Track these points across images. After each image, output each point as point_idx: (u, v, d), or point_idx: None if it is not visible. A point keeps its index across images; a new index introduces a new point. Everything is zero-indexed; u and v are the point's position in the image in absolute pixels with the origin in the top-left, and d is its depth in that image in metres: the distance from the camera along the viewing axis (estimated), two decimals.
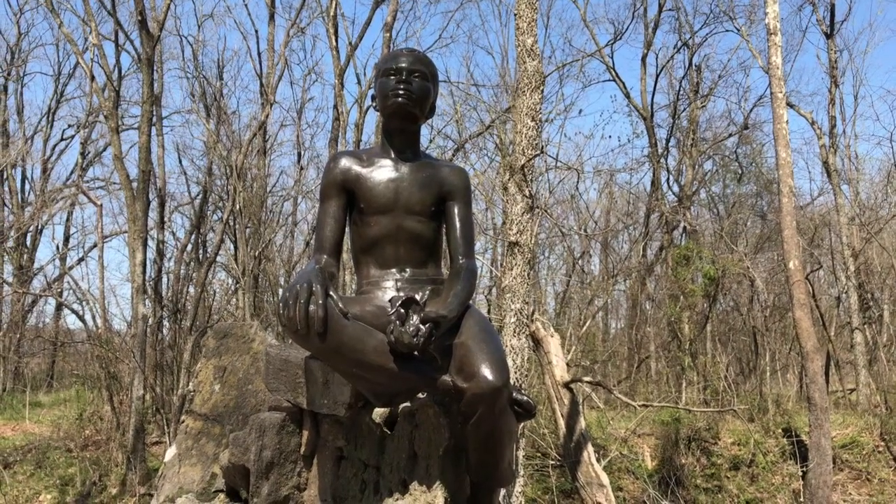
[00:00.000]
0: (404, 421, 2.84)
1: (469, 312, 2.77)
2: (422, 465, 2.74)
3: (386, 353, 2.57)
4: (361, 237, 3.07)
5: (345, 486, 2.86)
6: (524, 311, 8.55)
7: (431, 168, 3.13)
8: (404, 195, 3.03)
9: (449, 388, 2.58)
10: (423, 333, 2.53)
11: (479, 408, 2.49)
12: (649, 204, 22.99)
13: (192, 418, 3.33)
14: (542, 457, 14.13)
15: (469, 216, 3.13)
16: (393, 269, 3.02)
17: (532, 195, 8.62)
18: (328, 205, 3.06)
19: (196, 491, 3.17)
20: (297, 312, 2.43)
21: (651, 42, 23.78)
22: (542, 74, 8.60)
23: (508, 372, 2.54)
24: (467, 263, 3.02)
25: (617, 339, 24.90)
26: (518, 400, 2.69)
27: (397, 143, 3.12)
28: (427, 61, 3.13)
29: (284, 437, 2.87)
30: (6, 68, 29.59)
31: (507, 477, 2.86)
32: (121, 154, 17.58)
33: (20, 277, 27.47)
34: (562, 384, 11.16)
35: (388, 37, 18.14)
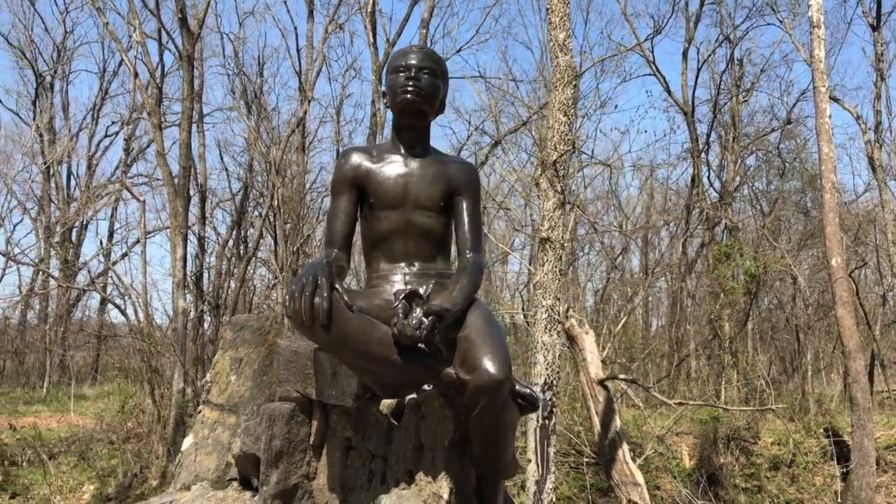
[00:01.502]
0: (411, 412, 2.87)
1: (474, 306, 2.80)
2: (427, 457, 2.77)
3: (390, 345, 2.61)
4: (372, 232, 3.12)
5: (353, 476, 2.91)
6: (555, 307, 8.49)
7: (441, 164, 3.17)
8: (413, 190, 3.08)
9: (452, 381, 2.60)
10: (426, 326, 2.55)
11: (482, 400, 2.51)
12: (689, 200, 22.72)
13: (208, 408, 3.41)
14: (577, 454, 14.06)
15: (477, 211, 3.17)
16: (402, 264, 3.06)
17: (564, 191, 8.55)
18: (339, 200, 3.11)
19: (211, 479, 3.24)
20: (302, 305, 2.48)
21: (692, 36, 23.51)
22: (574, 69, 8.53)
23: (510, 365, 2.55)
24: (475, 258, 3.04)
25: (657, 337, 24.68)
26: (521, 392, 2.69)
27: (407, 139, 3.15)
28: (436, 58, 3.18)
29: (294, 426, 2.92)
30: (52, 66, 30.18)
31: (510, 468, 2.87)
32: (163, 150, 17.84)
33: (66, 272, 28.03)
34: (597, 381, 11.09)
35: (425, 33, 18.15)
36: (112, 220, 31.57)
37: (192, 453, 3.27)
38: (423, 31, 18.22)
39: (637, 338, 22.38)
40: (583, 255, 27.24)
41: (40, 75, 29.90)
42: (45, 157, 28.60)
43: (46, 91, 30.19)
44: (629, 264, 25.65)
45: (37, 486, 14.07)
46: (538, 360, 8.47)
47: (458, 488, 2.74)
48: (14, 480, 14.28)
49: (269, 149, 20.35)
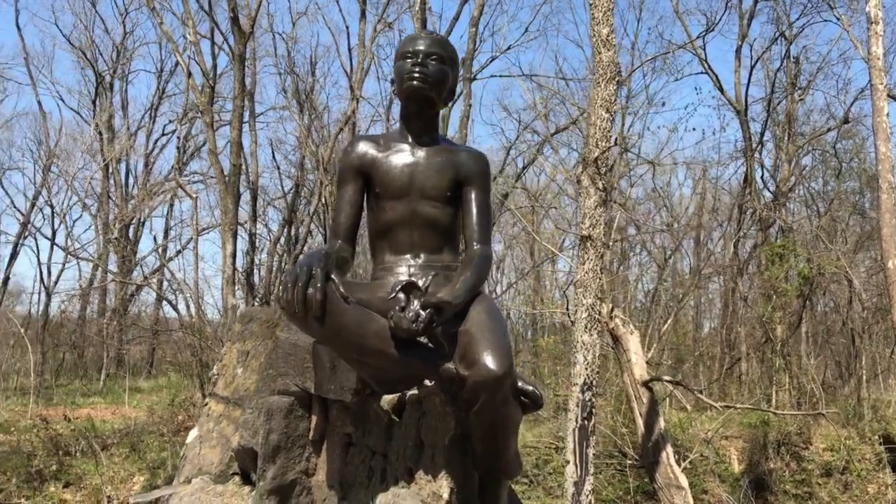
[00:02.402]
0: (411, 408, 2.81)
1: (478, 299, 2.72)
2: (427, 454, 2.70)
3: (387, 338, 2.54)
4: (377, 222, 3.06)
5: (352, 473, 2.85)
6: (596, 306, 8.40)
7: (449, 153, 3.08)
8: (419, 180, 3.00)
9: (452, 376, 2.54)
10: (423, 319, 2.49)
11: (481, 396, 2.44)
12: (742, 200, 22.31)
13: (214, 401, 3.37)
14: (620, 456, 13.90)
15: (486, 202, 3.07)
16: (407, 255, 3.00)
17: (606, 188, 8.46)
18: (344, 190, 3.06)
19: (214, 473, 3.20)
20: (294, 296, 2.41)
21: (746, 33, 23.10)
22: (617, 65, 8.43)
23: (511, 360, 2.47)
24: (482, 249, 2.95)
25: (708, 338, 24.30)
26: (524, 390, 2.62)
27: (415, 128, 3.08)
28: (445, 44, 3.10)
29: (292, 421, 2.87)
30: (112, 66, 30.84)
31: (513, 468, 2.81)
32: (215, 149, 18.12)
33: (123, 268, 28.62)
34: (641, 383, 10.95)
35: (474, 31, 18.14)
36: (168, 217, 32.20)
37: (196, 446, 3.25)
38: (472, 29, 18.22)
39: (687, 339, 22.08)
40: (634, 255, 26.98)
41: (100, 75, 30.59)
42: (104, 155, 29.23)
43: (106, 90, 30.87)
44: (680, 265, 25.28)
45: (89, 476, 14.38)
46: (578, 360, 8.39)
47: (458, 488, 2.66)
48: (67, 470, 14.61)
49: (318, 147, 20.51)
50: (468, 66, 18.32)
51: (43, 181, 30.41)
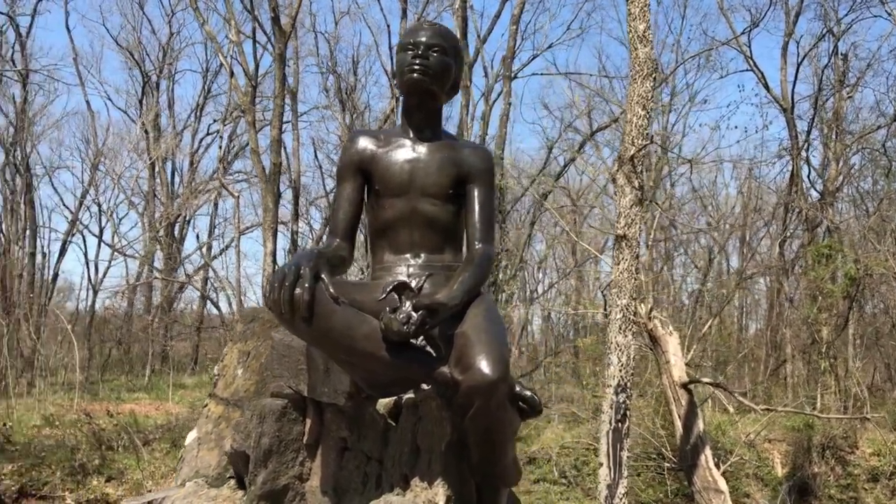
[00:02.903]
0: (408, 413, 2.72)
1: (477, 301, 2.62)
2: (424, 460, 2.61)
3: (378, 340, 2.45)
4: (376, 220, 2.96)
5: (347, 478, 2.77)
6: (631, 307, 8.28)
7: (451, 148, 2.96)
8: (420, 176, 2.89)
9: (447, 380, 2.44)
10: (415, 321, 2.39)
11: (475, 401, 2.35)
12: (788, 199, 21.89)
13: (214, 402, 3.30)
14: (658, 458, 13.72)
15: (490, 199, 2.95)
16: (407, 255, 2.90)
17: (642, 187, 8.33)
18: (343, 187, 2.95)
19: (212, 476, 3.14)
20: (281, 296, 2.34)
21: (792, 30, 22.65)
22: (654, 62, 8.30)
23: (507, 365, 2.37)
24: (483, 249, 2.83)
25: (753, 340, 23.91)
26: (522, 396, 2.52)
27: (416, 122, 2.97)
28: (447, 35, 2.99)
29: (285, 424, 2.79)
30: (158, 66, 31.28)
31: (510, 476, 2.70)
32: (257, 148, 18.25)
33: (168, 265, 29.05)
34: (679, 385, 10.79)
35: (515, 29, 18.05)
36: (213, 216, 32.58)
37: (194, 448, 3.19)
38: (512, 27, 18.13)
39: (732, 341, 21.74)
40: (678, 255, 26.65)
41: (147, 75, 31.05)
42: (150, 153, 29.68)
43: (153, 90, 31.34)
44: (725, 265, 24.90)
45: (130, 470, 14.57)
46: (612, 362, 8.29)
47: (455, 496, 2.57)
48: (110, 464, 14.83)
49: None
50: (508, 65, 18.22)
51: (91, 180, 31.01)
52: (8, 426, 17.35)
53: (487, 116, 19.08)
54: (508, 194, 22.80)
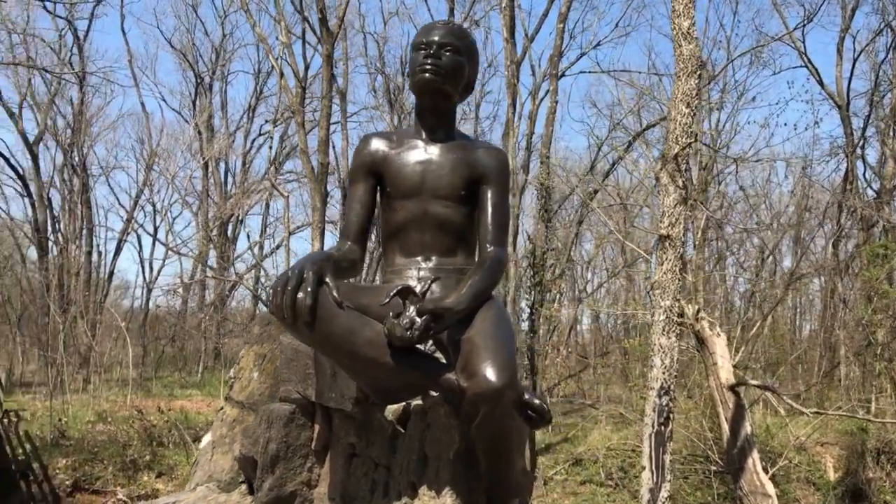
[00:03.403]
0: (416, 420, 2.67)
1: (487, 305, 2.56)
2: (432, 468, 2.56)
3: (382, 346, 2.41)
4: (388, 223, 2.94)
5: (355, 486, 2.72)
6: (674, 308, 8.17)
7: (464, 149, 2.92)
8: (431, 178, 2.86)
9: (453, 387, 2.39)
10: (419, 327, 2.35)
11: (481, 409, 2.30)
12: (843, 198, 21.39)
13: (230, 405, 3.28)
14: (704, 461, 13.52)
15: (503, 201, 2.90)
16: (418, 258, 2.87)
17: (686, 186, 8.21)
18: (355, 189, 2.93)
19: (224, 480, 3.11)
20: (283, 300, 2.32)
21: (849, 25, 22.10)
22: (698, 59, 8.16)
23: (514, 372, 2.32)
24: (495, 252, 2.78)
25: (806, 341, 23.42)
26: (531, 404, 2.43)
27: (429, 123, 2.94)
28: (461, 34, 2.94)
29: (293, 430, 2.75)
30: (211, 67, 31.76)
31: (521, 486, 2.64)
32: (306, 148, 18.40)
33: (221, 264, 29.48)
34: (727, 387, 10.63)
35: (562, 27, 17.93)
36: (265, 216, 33.00)
37: (208, 452, 3.17)
38: (559, 25, 18.01)
39: (785, 342, 21.34)
40: (731, 255, 26.22)
41: (200, 76, 31.55)
42: (203, 154, 30.14)
43: (206, 91, 31.84)
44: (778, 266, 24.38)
45: (180, 466, 14.81)
46: (655, 364, 8.19)
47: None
48: (161, 460, 15.09)
49: None
50: (555, 63, 18.12)
51: (145, 179, 31.64)
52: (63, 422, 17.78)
53: (534, 115, 18.99)
54: (556, 193, 22.72)
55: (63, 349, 22.62)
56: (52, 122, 29.62)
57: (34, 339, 26.62)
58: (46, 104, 29.36)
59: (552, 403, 23.98)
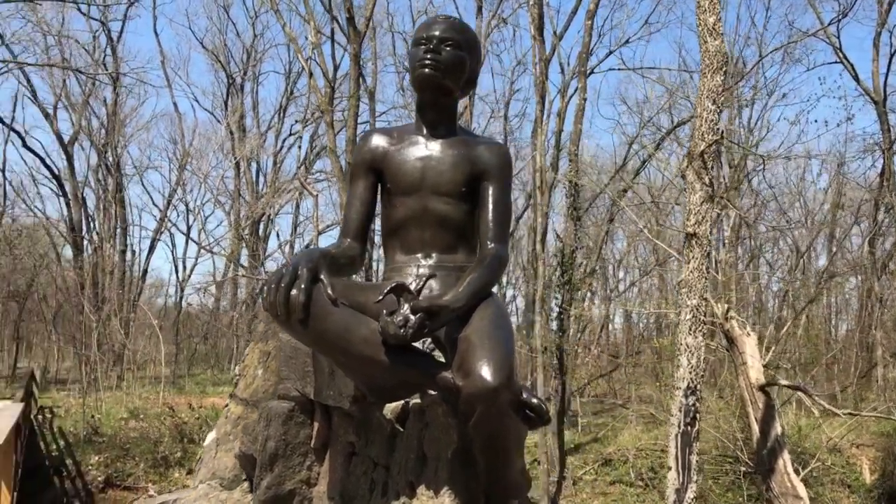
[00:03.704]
0: (414, 418, 2.62)
1: (485, 303, 2.52)
2: (430, 468, 2.52)
3: (376, 344, 2.37)
4: (388, 220, 2.90)
5: (354, 485, 2.69)
6: (701, 307, 8.05)
7: (465, 145, 2.87)
8: (432, 174, 2.82)
9: (449, 386, 2.35)
10: (413, 325, 2.30)
11: (476, 408, 2.25)
12: (879, 195, 21.01)
13: (234, 403, 3.25)
14: (733, 462, 13.35)
15: (504, 198, 2.83)
16: (418, 255, 2.83)
17: (712, 183, 8.10)
18: (355, 186, 2.91)
19: (228, 478, 3.09)
20: (276, 297, 2.30)
21: (885, 20, 21.71)
22: (724, 55, 8.05)
23: (510, 371, 2.27)
24: (495, 249, 2.72)
25: (842, 341, 23.06)
26: (529, 403, 2.38)
27: (430, 119, 2.89)
28: (461, 28, 2.89)
29: (292, 427, 2.72)
30: (242, 68, 31.99)
31: (519, 486, 2.59)
32: (335, 148, 18.49)
33: (252, 263, 29.69)
34: (757, 387, 10.48)
35: (590, 24, 17.79)
36: (295, 215, 33.19)
37: (212, 449, 3.16)
38: (587, 22, 17.88)
39: (820, 342, 21.03)
40: (763, 254, 25.92)
41: (231, 77, 31.80)
42: (235, 154, 30.38)
43: (237, 92, 32.07)
44: (811, 263, 24.06)
45: None
46: (681, 363, 8.07)
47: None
48: (191, 457, 15.21)
49: None
50: (583, 60, 17.98)
51: (178, 179, 32.00)
52: (97, 418, 18.01)
53: (563, 113, 18.89)
54: (587, 191, 22.56)
55: (97, 347, 22.94)
56: (87, 123, 30.05)
57: (69, 337, 27.00)
58: (81, 105, 29.78)
59: (583, 403, 23.86)
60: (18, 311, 30.03)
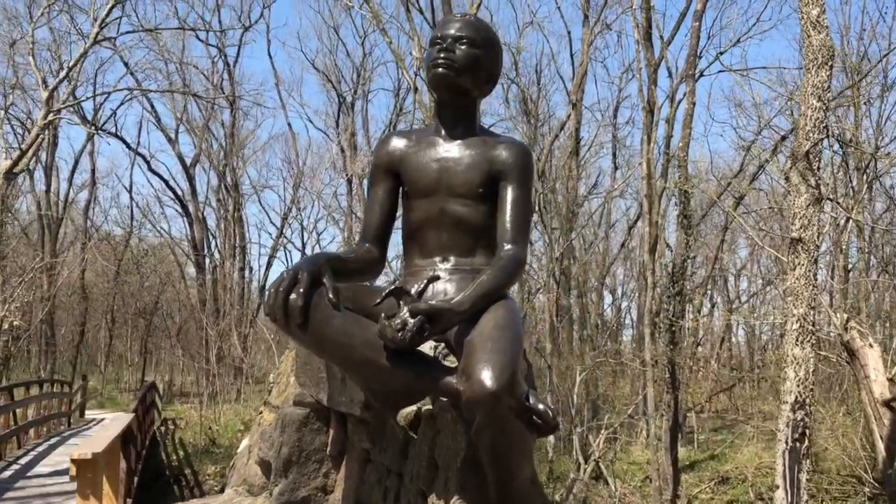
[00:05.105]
0: (425, 425, 2.54)
1: (495, 306, 2.42)
2: (441, 477, 2.42)
3: (378, 348, 2.32)
4: (407, 223, 2.85)
5: (368, 492, 2.62)
6: (809, 316, 7.58)
7: (484, 145, 2.79)
8: (448, 175, 2.76)
9: (453, 391, 2.27)
10: (411, 328, 2.22)
11: (477, 414, 2.16)
12: None
13: (267, 410, 3.26)
14: (856, 482, 12.54)
15: (523, 198, 2.74)
16: (436, 258, 2.77)
17: (819, 185, 7.62)
18: (374, 189, 2.87)
19: (257, 485, 3.08)
20: (275, 301, 2.28)
21: None
22: (830, 49, 7.58)
23: (512, 376, 2.15)
24: (513, 251, 2.64)
25: None
26: (535, 410, 2.25)
27: (448, 120, 2.83)
28: (479, 27, 2.82)
29: (307, 434, 2.69)
30: (353, 87, 32.65)
31: (527, 496, 2.44)
32: None
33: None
34: (881, 402, 9.81)
35: (698, 26, 17.25)
36: None
37: (244, 456, 3.17)
38: (695, 24, 17.35)
39: None
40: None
41: (342, 96, 32.50)
42: (347, 171, 31.01)
43: (348, 110, 32.74)
44: None
45: None
46: (788, 376, 7.62)
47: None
48: None
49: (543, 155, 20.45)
50: (692, 63, 17.41)
51: (293, 197, 32.91)
52: (215, 430, 18.58)
53: (672, 118, 18.34)
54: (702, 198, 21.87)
55: (216, 361, 23.74)
56: (207, 145, 31.33)
57: (192, 352, 28.11)
58: (201, 128, 31.10)
59: (702, 419, 23.05)
60: (145, 326, 31.47)
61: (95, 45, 21.46)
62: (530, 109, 23.81)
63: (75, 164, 31.71)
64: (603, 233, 26.02)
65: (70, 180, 31.70)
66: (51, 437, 15.05)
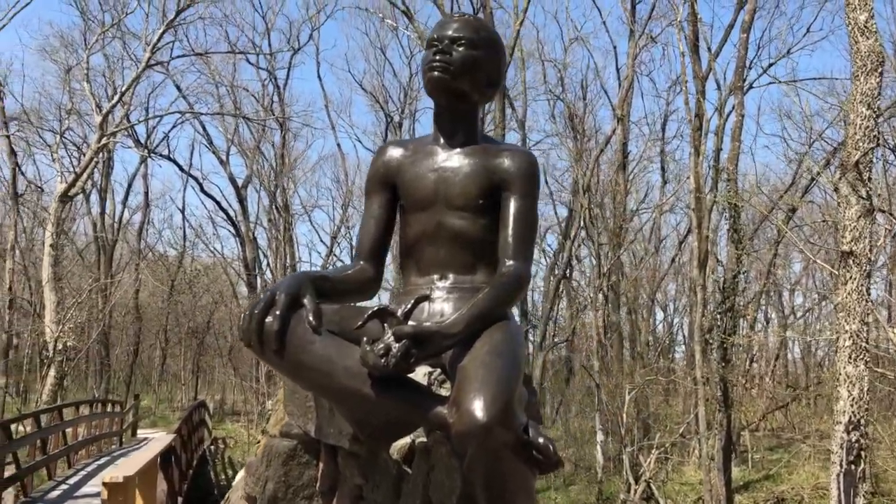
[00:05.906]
0: (419, 459, 2.33)
1: (494, 327, 2.19)
2: None
3: (362, 376, 2.10)
4: (403, 238, 2.65)
5: None
6: (862, 332, 7.30)
7: (486, 154, 2.58)
8: (445, 187, 2.55)
9: (443, 423, 2.03)
10: (395, 353, 2.01)
11: (467, 448, 1.93)
12: None
13: (265, 438, 3.09)
14: None
15: (528, 211, 2.51)
16: (434, 276, 2.55)
17: (870, 196, 7.36)
18: (369, 203, 2.67)
19: None
20: (249, 325, 2.09)
21: None
22: (879, 54, 7.34)
23: (506, 407, 1.92)
24: (514, 268, 2.41)
25: None
26: (534, 444, 2.01)
27: (446, 127, 2.62)
28: (478, 27, 2.61)
29: (293, 468, 2.48)
30: (400, 106, 32.76)
31: None
32: None
33: None
34: None
35: (746, 38, 16.97)
36: None
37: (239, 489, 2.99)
38: (743, 35, 17.08)
39: None
40: None
41: (390, 116, 32.64)
42: None
43: (396, 129, 32.83)
44: None
45: None
46: (841, 395, 7.35)
47: None
48: None
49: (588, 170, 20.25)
50: (740, 75, 17.10)
51: (342, 217, 33.11)
52: None
53: (720, 131, 18.03)
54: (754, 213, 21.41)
55: (266, 379, 23.87)
56: (258, 167, 31.72)
57: (243, 371, 28.30)
58: (252, 150, 31.49)
59: (757, 438, 22.46)
60: (197, 346, 31.83)
61: (148, 69, 21.90)
62: (576, 125, 23.64)
63: (129, 187, 32.38)
64: (653, 248, 25.60)
65: (124, 202, 32.39)
66: (101, 456, 15.19)
